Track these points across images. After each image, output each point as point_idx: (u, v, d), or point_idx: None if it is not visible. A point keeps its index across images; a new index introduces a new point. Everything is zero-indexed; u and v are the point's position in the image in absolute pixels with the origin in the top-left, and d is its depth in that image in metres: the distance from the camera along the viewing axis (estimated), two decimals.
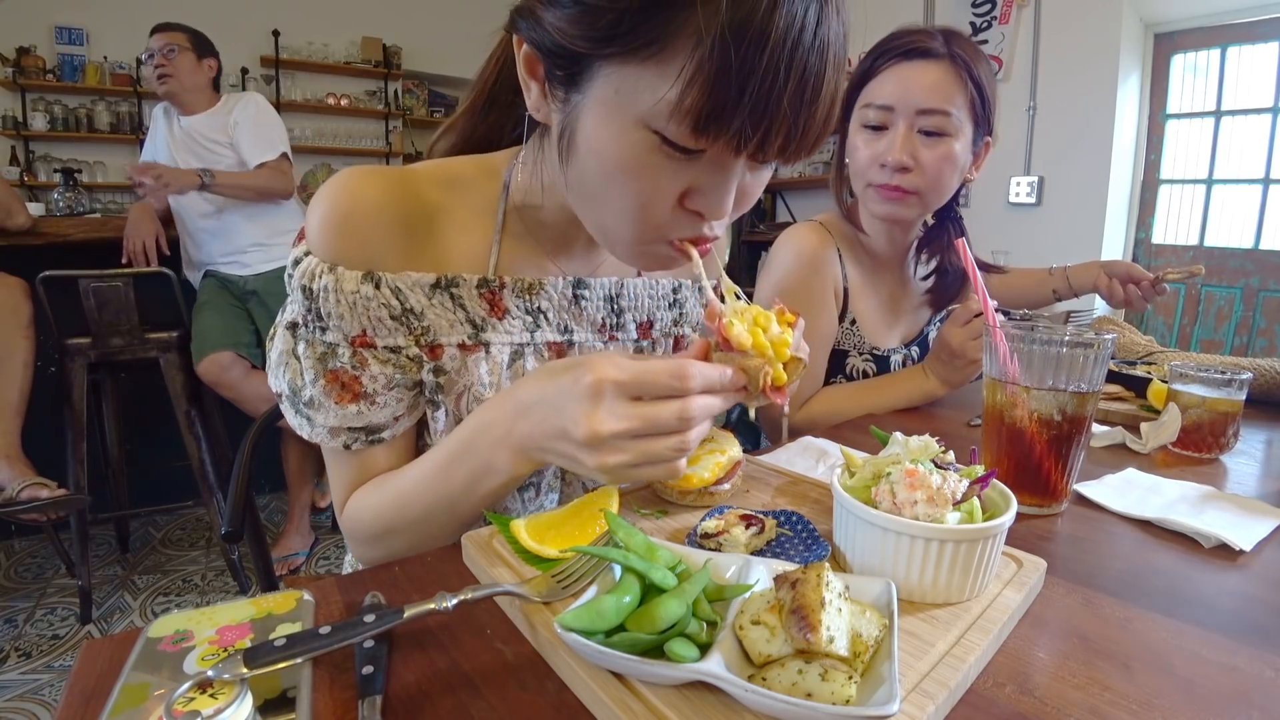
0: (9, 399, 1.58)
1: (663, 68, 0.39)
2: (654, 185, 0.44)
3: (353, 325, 0.54)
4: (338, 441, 0.56)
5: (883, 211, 1.00)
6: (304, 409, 0.56)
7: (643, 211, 0.46)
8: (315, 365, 0.54)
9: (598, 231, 0.52)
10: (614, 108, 0.42)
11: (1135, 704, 0.37)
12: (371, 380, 0.55)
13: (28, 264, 1.72)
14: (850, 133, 1.01)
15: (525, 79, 0.50)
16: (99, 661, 0.40)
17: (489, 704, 0.37)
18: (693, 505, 0.61)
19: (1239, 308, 2.73)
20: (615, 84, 0.42)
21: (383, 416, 0.56)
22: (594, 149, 0.45)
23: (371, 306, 0.53)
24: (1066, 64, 2.86)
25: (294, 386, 0.55)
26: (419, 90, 5.57)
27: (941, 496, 0.45)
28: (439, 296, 0.56)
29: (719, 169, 0.45)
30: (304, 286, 0.53)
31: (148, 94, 4.50)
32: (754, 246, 4.37)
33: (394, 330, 0.55)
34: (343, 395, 0.54)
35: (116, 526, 2.24)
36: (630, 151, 0.43)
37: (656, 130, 0.41)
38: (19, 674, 1.60)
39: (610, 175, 0.45)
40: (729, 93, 0.38)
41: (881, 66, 0.96)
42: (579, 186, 0.49)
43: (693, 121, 0.40)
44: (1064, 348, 0.62)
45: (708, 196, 0.45)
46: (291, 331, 0.56)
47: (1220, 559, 0.56)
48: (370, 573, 0.52)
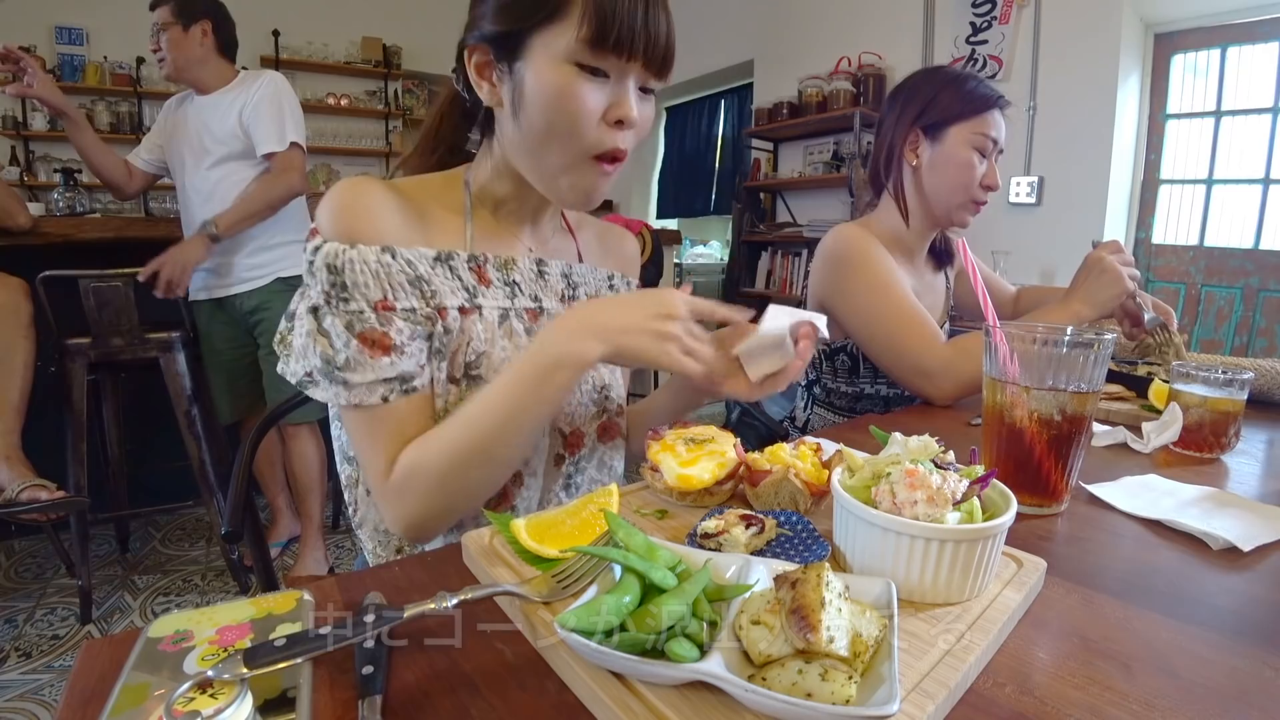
0: (9, 399, 1.58)
1: (566, 19, 0.59)
2: (581, 102, 0.60)
3: (376, 291, 0.62)
4: (376, 396, 0.62)
5: (969, 222, 1.19)
6: (339, 375, 0.61)
7: (577, 124, 0.61)
8: (345, 331, 0.61)
9: (536, 170, 0.67)
10: (545, 57, 0.60)
11: (1135, 704, 0.37)
12: (398, 333, 0.63)
13: (28, 264, 1.72)
14: (952, 146, 1.14)
15: (477, 82, 0.66)
16: (99, 661, 0.40)
17: (489, 704, 0.37)
18: (693, 505, 0.61)
19: (1239, 308, 2.73)
20: (542, 41, 0.60)
21: (411, 365, 0.64)
22: (538, 90, 0.61)
23: (392, 272, 0.63)
24: (1066, 64, 2.86)
25: (326, 358, 0.61)
26: (419, 90, 5.57)
27: (941, 496, 0.45)
28: (440, 267, 0.67)
29: (619, 85, 0.62)
30: (329, 264, 0.61)
31: (148, 94, 4.51)
32: (754, 246, 4.37)
33: (410, 294, 0.64)
34: (375, 350, 0.62)
35: (116, 527, 2.24)
36: (562, 80, 0.60)
37: (575, 61, 0.59)
38: (19, 674, 1.60)
39: (552, 102, 0.61)
40: (608, 19, 0.58)
41: (995, 107, 1.14)
42: (529, 133, 0.63)
43: (592, 44, 0.59)
44: (1064, 348, 0.62)
45: (619, 105, 0.62)
46: (314, 314, 0.62)
47: (1220, 559, 0.56)
48: (370, 573, 0.52)
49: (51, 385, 1.81)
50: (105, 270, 1.77)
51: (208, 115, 1.90)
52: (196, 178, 1.92)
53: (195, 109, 1.93)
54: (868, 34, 3.63)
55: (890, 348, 1.10)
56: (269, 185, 1.88)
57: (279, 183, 1.88)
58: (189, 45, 1.85)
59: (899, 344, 1.09)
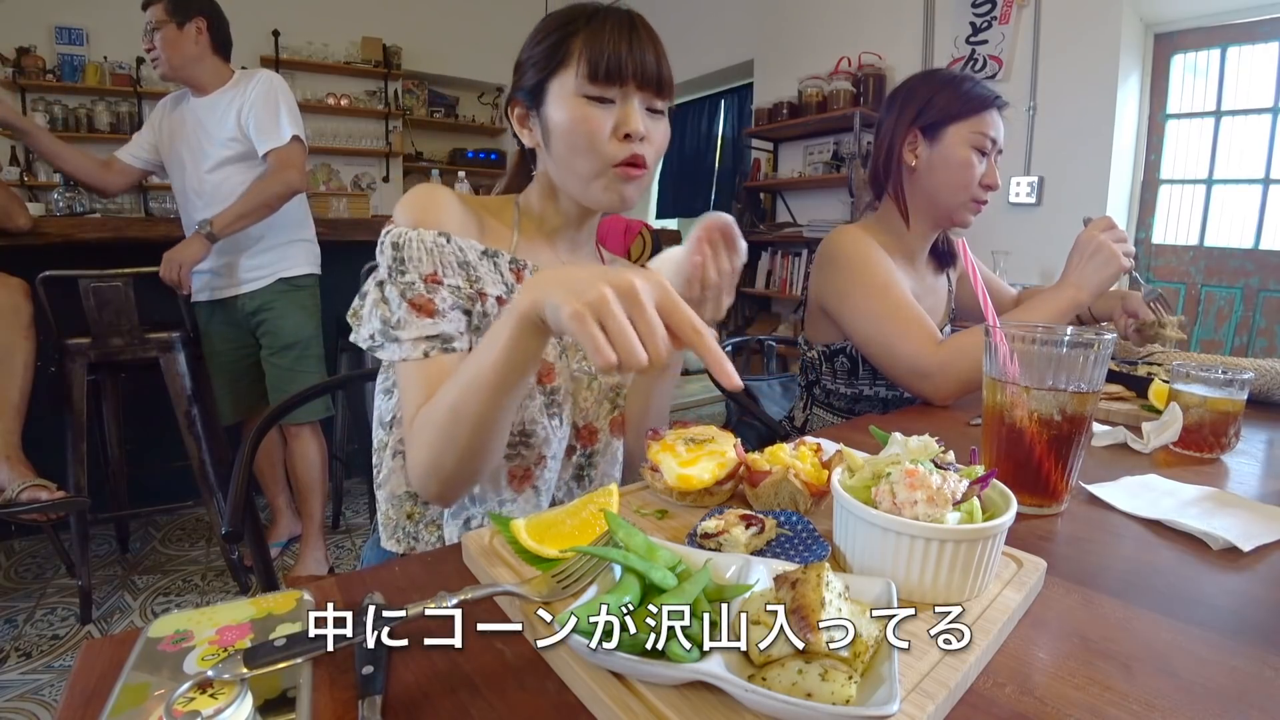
0: (9, 399, 1.58)
1: (570, 65, 0.72)
2: (594, 126, 0.72)
3: (428, 266, 0.72)
4: (419, 351, 0.71)
5: (970, 221, 1.20)
6: (393, 332, 0.71)
7: (592, 143, 0.72)
8: (399, 298, 0.71)
9: (574, 185, 0.77)
10: (560, 97, 0.73)
11: (1135, 704, 0.37)
12: (442, 301, 0.72)
13: (28, 264, 1.72)
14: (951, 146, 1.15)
15: (519, 131, 0.81)
16: (99, 661, 0.40)
17: (489, 704, 0.37)
18: (693, 505, 0.61)
19: (1239, 308, 2.73)
20: (556, 85, 0.73)
21: (451, 328, 0.73)
22: (557, 123, 0.74)
23: (445, 252, 0.73)
24: (1066, 64, 2.86)
25: (384, 319, 0.71)
26: (419, 90, 5.57)
27: (941, 496, 0.45)
28: (486, 260, 0.77)
29: (623, 106, 0.73)
30: (394, 242, 0.72)
31: (148, 94, 4.51)
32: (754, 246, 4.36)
33: (457, 273, 0.74)
34: (421, 313, 0.71)
35: (116, 527, 2.24)
36: (575, 112, 0.72)
37: (581, 94, 0.72)
38: (19, 674, 1.60)
39: (569, 130, 0.73)
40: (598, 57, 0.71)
41: (993, 107, 1.15)
42: (558, 158, 0.76)
43: (590, 79, 0.71)
44: (1064, 348, 0.62)
45: (625, 122, 0.72)
46: (380, 286, 0.73)
47: (1220, 559, 0.56)
48: (370, 573, 0.52)
49: (51, 385, 1.81)
50: (105, 270, 1.77)
51: (205, 117, 1.88)
52: (196, 181, 1.91)
53: (192, 110, 1.91)
54: (868, 34, 3.63)
55: (887, 348, 1.10)
56: (267, 183, 1.85)
57: (277, 180, 1.85)
58: (184, 44, 1.82)
59: (896, 345, 1.09)
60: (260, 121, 1.84)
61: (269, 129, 1.84)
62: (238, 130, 1.86)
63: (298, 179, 1.88)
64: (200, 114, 1.89)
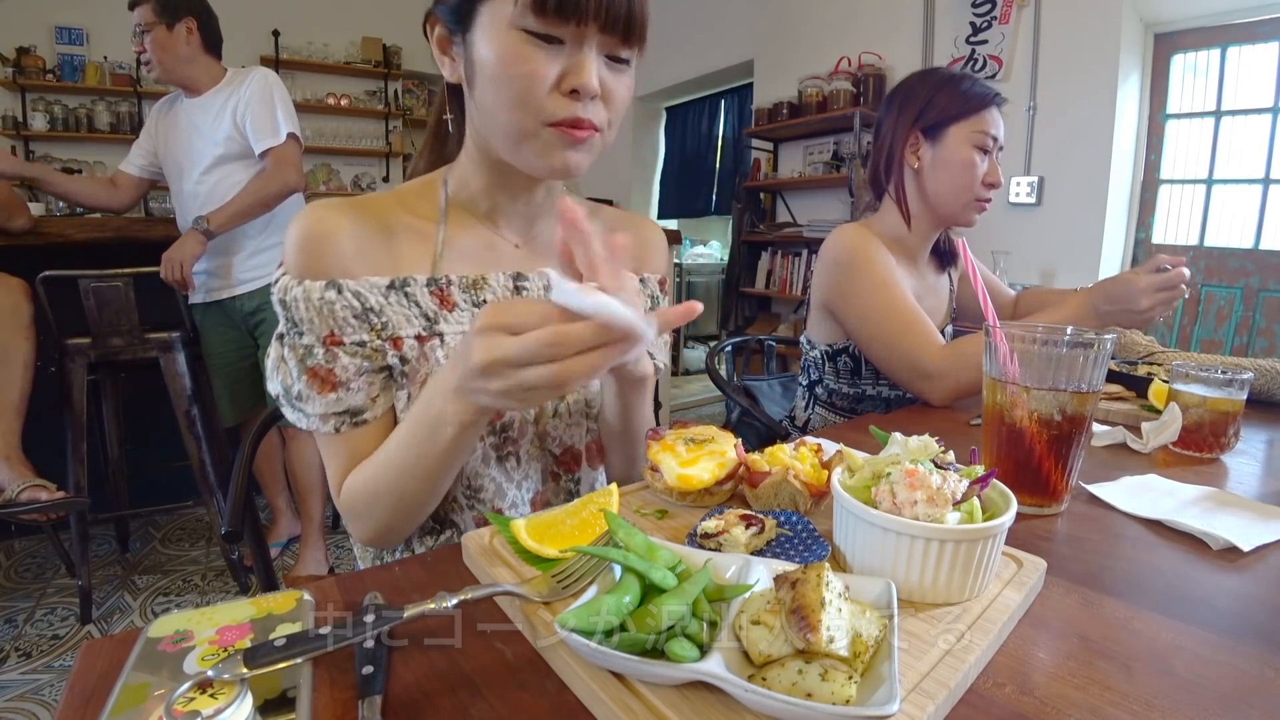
0: (9, 399, 1.58)
1: None
2: (529, 70, 0.56)
3: (322, 327, 0.62)
4: (329, 426, 0.63)
5: (975, 220, 1.19)
6: (296, 404, 0.63)
7: (526, 93, 0.57)
8: (298, 365, 0.62)
9: (502, 144, 0.62)
10: (491, 25, 0.57)
11: (1136, 704, 0.37)
12: (343, 370, 0.63)
13: (28, 264, 1.72)
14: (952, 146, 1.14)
15: (439, 58, 0.64)
16: (99, 661, 0.40)
17: (489, 704, 0.37)
18: (693, 505, 0.61)
19: (1239, 308, 2.73)
20: (490, 10, 0.57)
21: (359, 400, 0.64)
22: (486, 59, 0.57)
23: (336, 309, 0.62)
24: (1066, 64, 2.86)
25: (285, 386, 0.63)
26: (419, 90, 5.57)
27: (941, 496, 0.45)
28: (394, 295, 0.64)
29: (577, 53, 0.57)
30: (280, 300, 0.62)
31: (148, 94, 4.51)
32: (754, 246, 4.37)
33: (358, 328, 0.63)
34: (323, 387, 0.62)
35: (116, 527, 2.24)
36: (509, 48, 0.56)
37: (522, 28, 0.55)
38: (19, 674, 1.60)
39: (499, 72, 0.57)
40: None
41: (992, 104, 1.15)
42: (485, 104, 0.60)
43: (536, 10, 0.54)
44: (1064, 348, 0.62)
45: (574, 73, 0.57)
46: (280, 341, 0.64)
47: (1220, 559, 0.56)
48: (370, 573, 0.52)
49: (51, 385, 1.81)
50: (105, 270, 1.77)
51: (199, 117, 1.86)
52: (192, 183, 1.89)
53: (186, 111, 1.89)
54: (868, 34, 3.63)
55: (889, 348, 1.11)
56: (264, 182, 1.84)
57: (274, 179, 1.83)
58: (175, 45, 1.79)
59: (897, 345, 1.09)
60: (257, 120, 1.81)
61: (265, 127, 1.81)
62: (234, 129, 1.83)
63: (295, 178, 1.87)
64: (194, 115, 1.87)
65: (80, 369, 1.79)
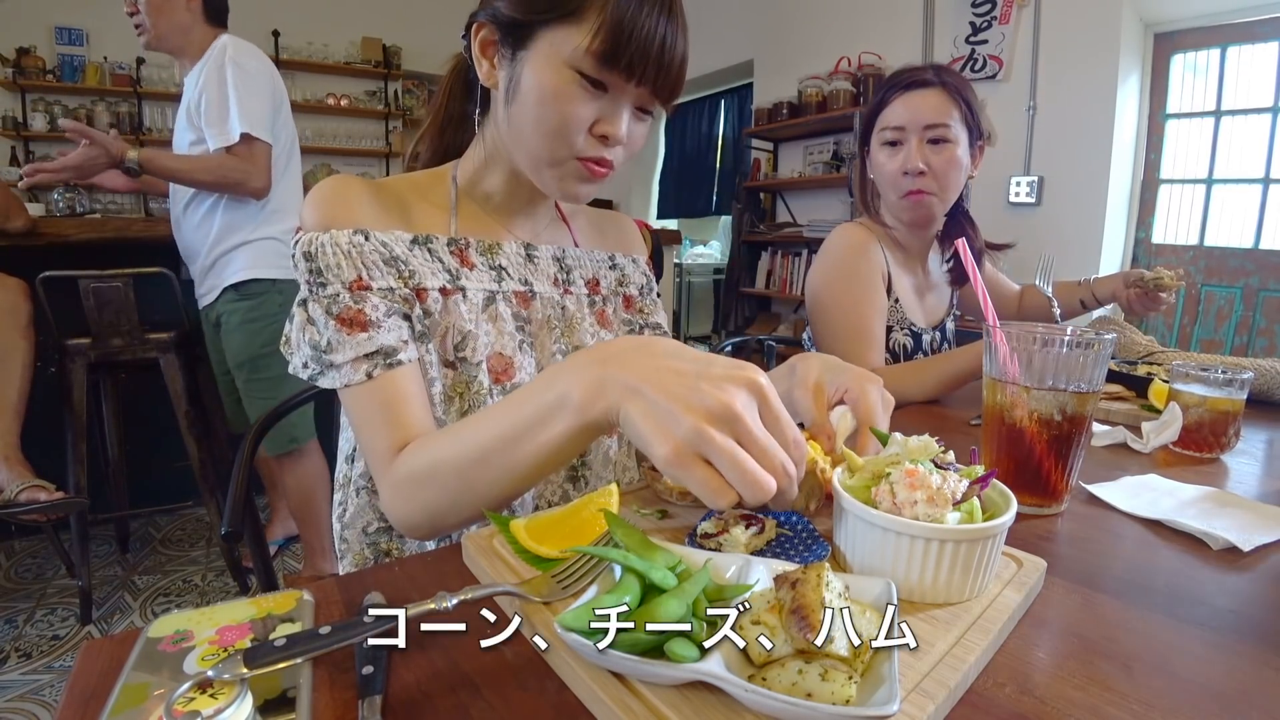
0: (8, 399, 1.58)
1: (580, 24, 0.57)
2: (573, 110, 0.60)
3: (350, 272, 0.62)
4: (361, 372, 0.61)
5: (911, 217, 1.21)
6: (325, 358, 0.61)
7: (564, 130, 0.61)
8: (325, 314, 0.62)
9: (527, 161, 0.66)
10: (548, 56, 0.59)
11: (1136, 704, 0.37)
12: (373, 309, 0.62)
13: (28, 264, 1.72)
14: (872, 152, 1.21)
15: (478, 58, 0.66)
16: (99, 661, 0.40)
17: (489, 704, 0.37)
18: (693, 505, 0.61)
19: (1239, 308, 2.73)
20: (549, 39, 0.59)
21: (391, 339, 0.63)
22: (534, 85, 0.60)
23: (365, 252, 0.63)
24: (1066, 64, 2.86)
25: (314, 344, 0.62)
26: (419, 90, 5.57)
27: (941, 496, 0.45)
28: (418, 249, 0.67)
29: (615, 103, 0.62)
30: (305, 252, 0.62)
31: (148, 94, 4.51)
32: (754, 246, 4.38)
33: (385, 273, 0.64)
34: (352, 328, 0.61)
35: (116, 527, 2.24)
36: (560, 84, 0.59)
37: (577, 69, 0.58)
38: (19, 674, 1.60)
39: (544, 102, 0.60)
40: (622, 38, 0.57)
41: (891, 98, 1.16)
42: (518, 123, 0.63)
43: (599, 59, 0.58)
44: (1064, 348, 0.62)
45: (609, 122, 0.62)
46: (303, 306, 0.63)
47: (1220, 559, 0.56)
48: (370, 573, 0.52)
49: (51, 385, 1.81)
50: (105, 270, 1.77)
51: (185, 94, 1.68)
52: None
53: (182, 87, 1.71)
54: (868, 34, 3.63)
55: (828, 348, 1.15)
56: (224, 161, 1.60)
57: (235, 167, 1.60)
58: (173, 10, 1.57)
59: (836, 347, 1.14)
60: (208, 110, 1.57)
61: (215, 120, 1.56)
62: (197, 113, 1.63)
63: (257, 181, 1.63)
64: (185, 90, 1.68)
65: (80, 369, 1.79)
